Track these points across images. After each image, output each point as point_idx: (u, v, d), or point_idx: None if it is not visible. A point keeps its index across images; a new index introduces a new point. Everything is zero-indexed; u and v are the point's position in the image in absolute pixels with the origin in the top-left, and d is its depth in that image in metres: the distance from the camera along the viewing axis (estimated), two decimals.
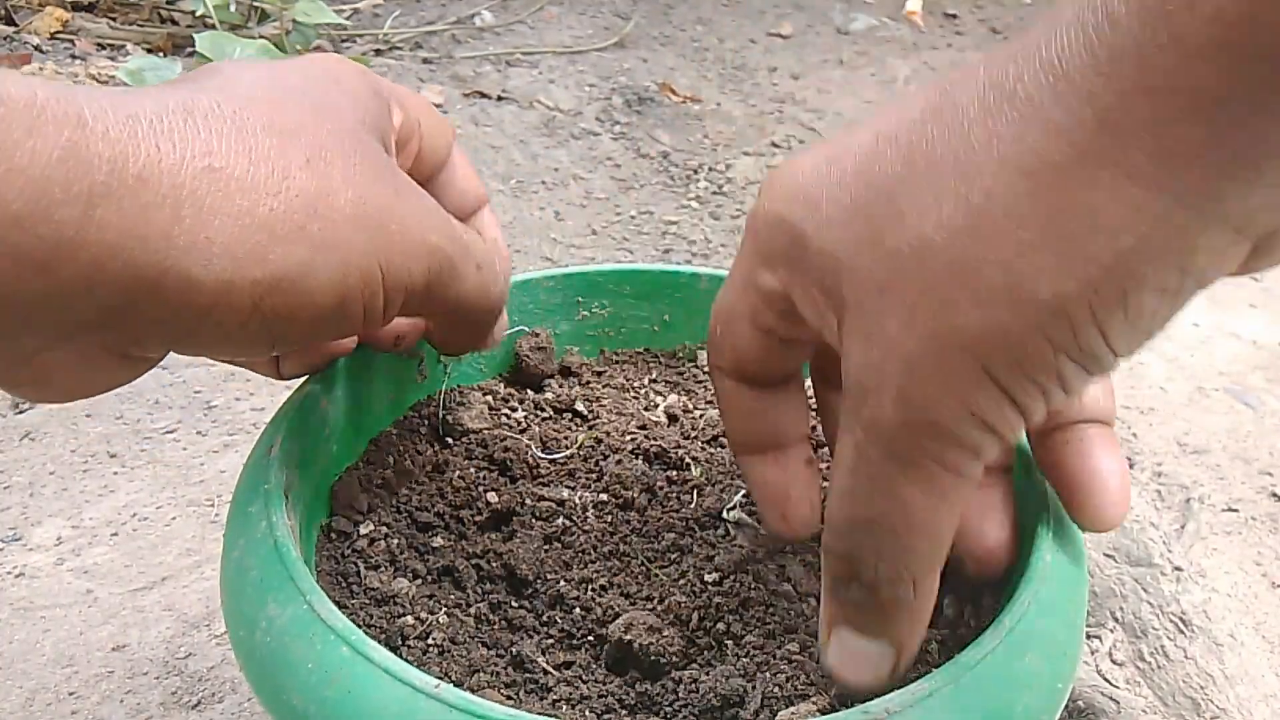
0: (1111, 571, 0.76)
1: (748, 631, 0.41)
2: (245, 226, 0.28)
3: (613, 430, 0.51)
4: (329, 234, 0.30)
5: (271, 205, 0.29)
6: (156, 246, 0.27)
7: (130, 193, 0.26)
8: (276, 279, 0.29)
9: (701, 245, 1.25)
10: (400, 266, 0.32)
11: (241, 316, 0.29)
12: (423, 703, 0.32)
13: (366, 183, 0.31)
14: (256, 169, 0.29)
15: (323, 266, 0.30)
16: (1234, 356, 1.16)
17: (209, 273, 0.28)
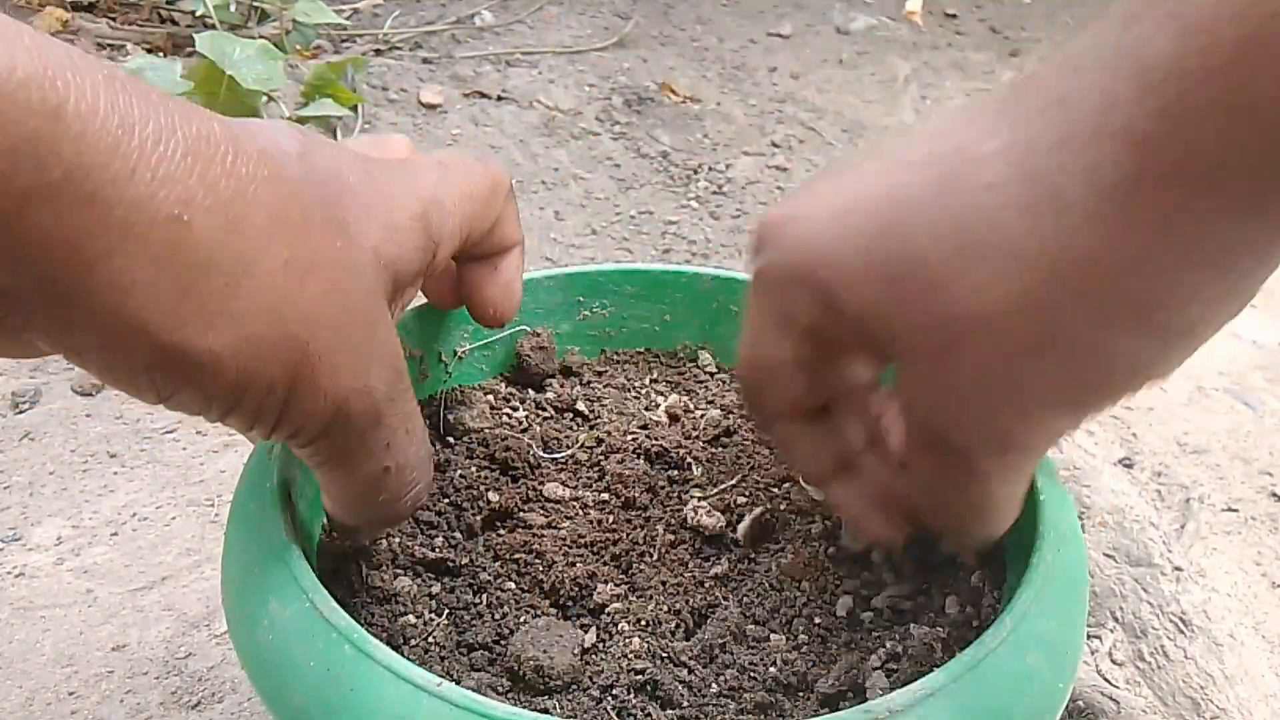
0: (1111, 571, 0.76)
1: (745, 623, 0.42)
2: (180, 289, 0.26)
3: (614, 430, 0.51)
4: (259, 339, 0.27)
5: (218, 285, 0.26)
6: (78, 266, 0.24)
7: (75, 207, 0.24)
8: (180, 353, 0.26)
9: (701, 245, 1.25)
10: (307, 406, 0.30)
11: (136, 368, 0.27)
12: (425, 701, 0.32)
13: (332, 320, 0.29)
14: (228, 242, 0.26)
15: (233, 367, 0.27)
16: (1234, 356, 1.16)
17: (119, 313, 0.25)
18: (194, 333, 0.26)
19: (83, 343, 0.26)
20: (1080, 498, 0.82)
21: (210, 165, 0.26)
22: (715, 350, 0.61)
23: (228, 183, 0.26)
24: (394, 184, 0.33)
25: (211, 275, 0.26)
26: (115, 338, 0.26)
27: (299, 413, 0.30)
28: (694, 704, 0.38)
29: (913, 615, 0.44)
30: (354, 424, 0.31)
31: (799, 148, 1.54)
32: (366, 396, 0.31)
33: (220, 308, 0.26)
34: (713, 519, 0.46)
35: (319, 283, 0.28)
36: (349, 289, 0.30)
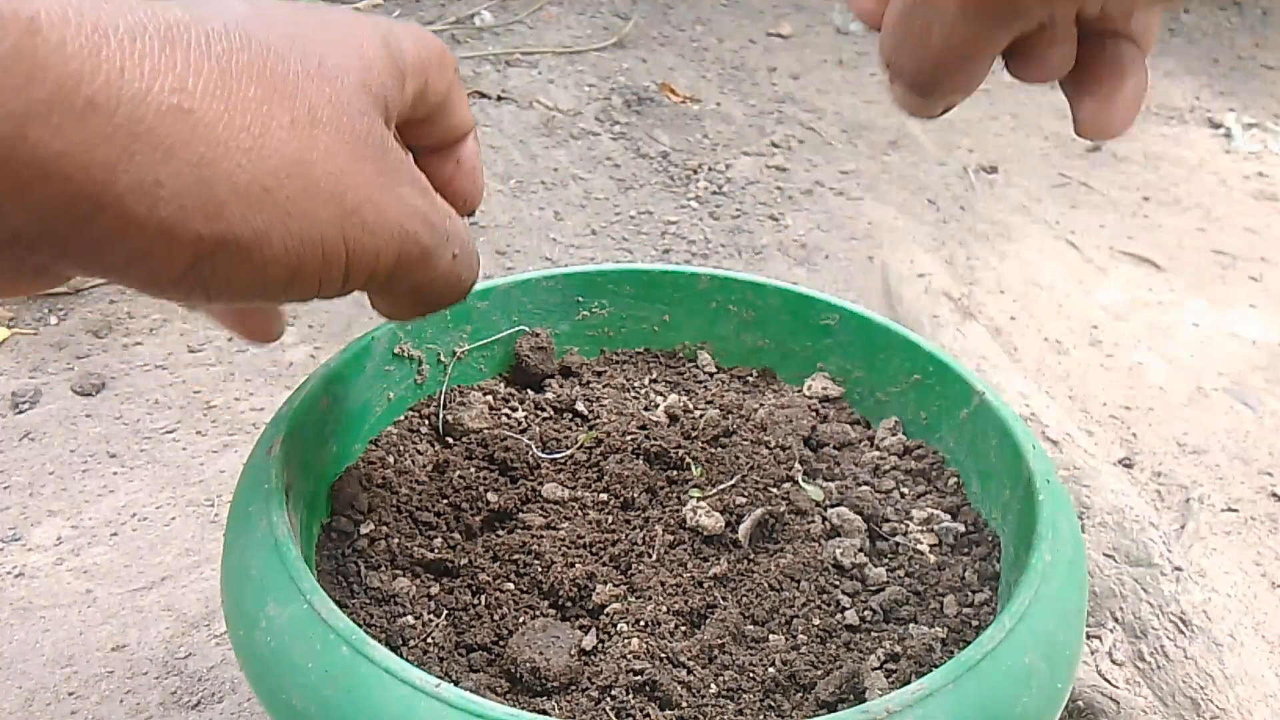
0: (1111, 571, 0.76)
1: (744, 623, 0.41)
2: (204, 178, 0.25)
3: (613, 430, 0.51)
4: (295, 205, 0.27)
5: (239, 161, 0.26)
6: (97, 177, 0.24)
7: (76, 116, 0.23)
8: (225, 239, 0.26)
9: (701, 245, 1.25)
10: (368, 247, 0.30)
11: (178, 269, 0.27)
12: (423, 702, 0.32)
13: (351, 158, 0.29)
14: (232, 119, 0.26)
15: (278, 237, 0.27)
16: (1234, 356, 1.16)
17: (153, 216, 0.25)
18: (233, 217, 0.26)
19: (121, 259, 0.26)
20: (1080, 498, 0.82)
21: (190, 51, 0.26)
22: (715, 350, 0.61)
23: (211, 63, 0.26)
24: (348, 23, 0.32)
25: (230, 155, 0.26)
26: (154, 244, 0.26)
27: (363, 262, 0.30)
28: (693, 704, 0.38)
29: (912, 615, 0.44)
30: (418, 244, 0.31)
31: (799, 148, 1.54)
32: (415, 216, 0.31)
33: (250, 184, 0.26)
34: (712, 519, 0.46)
35: (328, 133, 0.28)
36: (356, 129, 0.30)
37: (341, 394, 0.49)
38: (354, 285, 0.31)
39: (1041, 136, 1.74)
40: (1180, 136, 1.82)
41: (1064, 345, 1.14)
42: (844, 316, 0.57)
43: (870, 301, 1.17)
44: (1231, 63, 2.20)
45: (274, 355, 0.96)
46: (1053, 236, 1.40)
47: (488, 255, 1.18)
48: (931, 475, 0.52)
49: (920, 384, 0.54)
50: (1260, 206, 1.58)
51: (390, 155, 0.31)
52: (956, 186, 1.50)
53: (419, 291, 0.34)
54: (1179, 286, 1.31)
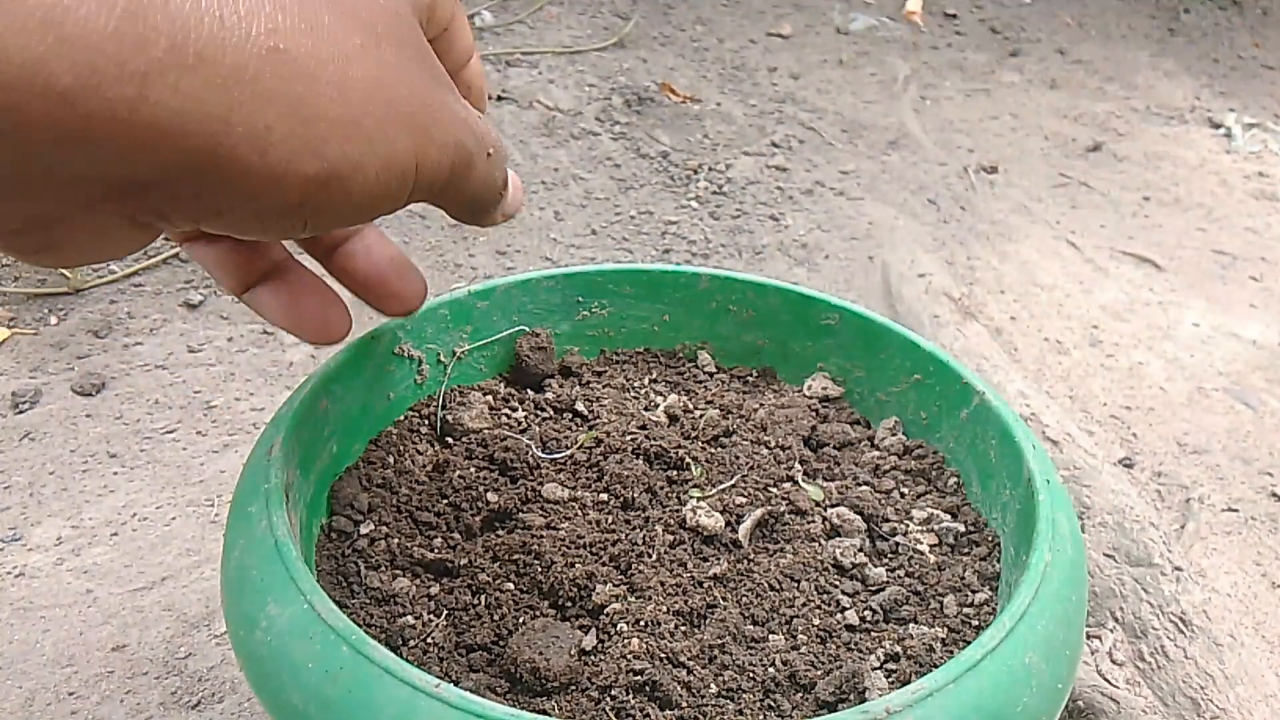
0: (1111, 571, 0.76)
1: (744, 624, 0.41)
2: (305, 118, 0.26)
3: (613, 430, 0.51)
4: (381, 131, 0.29)
5: (331, 95, 0.27)
6: (213, 130, 0.25)
7: (189, 72, 0.24)
8: (329, 175, 0.28)
9: (701, 245, 1.25)
10: (433, 163, 0.31)
11: (286, 207, 0.28)
12: (423, 702, 0.32)
13: (414, 74, 0.30)
14: (318, 50, 0.27)
15: (371, 164, 0.29)
16: (1234, 356, 1.16)
17: (264, 162, 0.26)
18: (333, 152, 0.27)
19: (233, 203, 0.27)
20: (1080, 498, 0.82)
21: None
22: (715, 350, 0.61)
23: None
24: None
25: (323, 91, 0.27)
26: (266, 186, 0.27)
27: (428, 176, 0.31)
28: (693, 704, 0.38)
29: (912, 615, 0.44)
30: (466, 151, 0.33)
31: (799, 148, 1.54)
32: (464, 126, 0.32)
33: (343, 117, 0.27)
34: (712, 519, 0.46)
35: (390, 50, 0.29)
36: (409, 39, 0.31)
37: (341, 394, 0.49)
38: (415, 199, 0.32)
39: (1041, 136, 1.74)
40: (1180, 136, 1.82)
41: (1064, 345, 1.14)
42: (844, 316, 0.57)
43: (870, 301, 1.17)
44: (1232, 63, 2.20)
45: (274, 355, 0.96)
46: (1053, 236, 1.40)
47: (488, 255, 1.18)
48: (931, 475, 0.52)
49: (920, 384, 0.54)
50: (1260, 206, 1.58)
51: (436, 65, 0.32)
52: (957, 186, 1.50)
53: (464, 195, 0.35)
54: (1179, 286, 1.31)
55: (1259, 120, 1.91)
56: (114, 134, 0.24)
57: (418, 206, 1.23)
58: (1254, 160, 1.75)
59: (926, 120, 1.72)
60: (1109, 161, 1.68)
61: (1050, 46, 2.12)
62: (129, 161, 0.25)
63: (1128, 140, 1.77)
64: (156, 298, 1.02)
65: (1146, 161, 1.70)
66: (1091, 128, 1.81)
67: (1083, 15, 2.27)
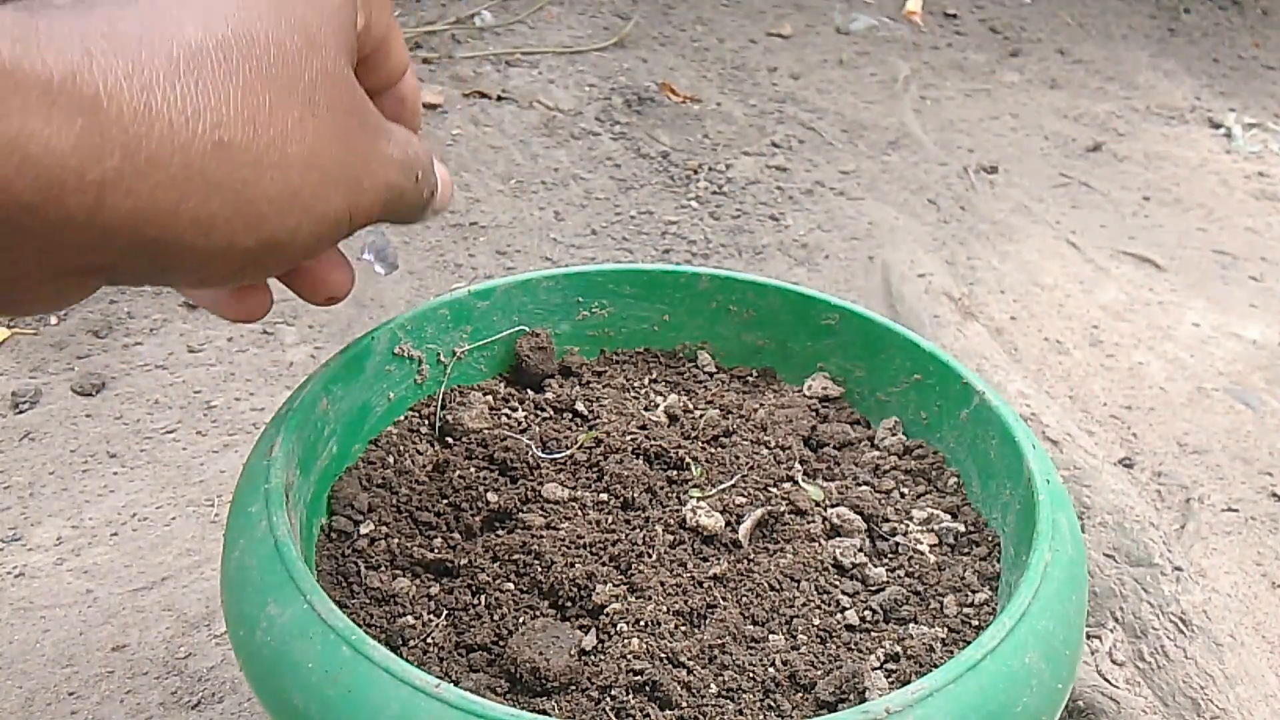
0: (1111, 571, 0.76)
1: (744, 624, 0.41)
2: (246, 199, 0.28)
3: (613, 430, 0.51)
4: (315, 197, 0.31)
5: (272, 175, 0.29)
6: (162, 222, 0.27)
7: (141, 176, 0.26)
8: (267, 244, 0.30)
9: (701, 245, 1.25)
10: (366, 206, 0.33)
11: (228, 274, 0.30)
12: (423, 702, 0.32)
13: (347, 134, 0.32)
14: (260, 136, 0.28)
15: (306, 227, 0.31)
16: (1234, 356, 1.16)
17: (207, 243, 0.28)
18: (272, 225, 0.29)
19: (178, 275, 0.29)
20: (1080, 498, 0.82)
21: (216, 75, 0.28)
22: (715, 350, 0.61)
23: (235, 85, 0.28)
24: None
25: (264, 172, 0.29)
26: (207, 261, 0.29)
27: (360, 220, 0.34)
28: (693, 704, 0.38)
29: (912, 615, 0.44)
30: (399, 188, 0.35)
31: (799, 148, 1.54)
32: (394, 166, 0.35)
33: (281, 193, 0.29)
34: (712, 519, 0.46)
35: (327, 117, 0.31)
36: (344, 100, 0.32)
37: (341, 394, 0.49)
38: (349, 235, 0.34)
39: (1041, 136, 1.74)
40: (1181, 136, 1.82)
41: (1064, 345, 1.14)
42: (844, 316, 0.57)
43: (871, 301, 1.17)
44: (1232, 63, 2.20)
45: (274, 355, 0.96)
46: (1053, 236, 1.40)
47: (488, 255, 1.18)
48: (931, 475, 0.52)
49: (920, 384, 0.54)
50: (1261, 206, 1.58)
51: (369, 113, 0.34)
52: (957, 186, 1.50)
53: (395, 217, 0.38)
54: (1179, 286, 1.31)
55: (1259, 120, 1.91)
56: (72, 235, 0.26)
57: None
58: (1254, 160, 1.75)
59: (927, 120, 1.72)
60: (1109, 161, 1.68)
61: (1050, 46, 2.12)
62: (84, 253, 0.27)
63: (1128, 140, 1.77)
64: (156, 298, 1.02)
65: (1147, 161, 1.70)
66: (1092, 128, 1.81)
67: (1083, 15, 2.27)
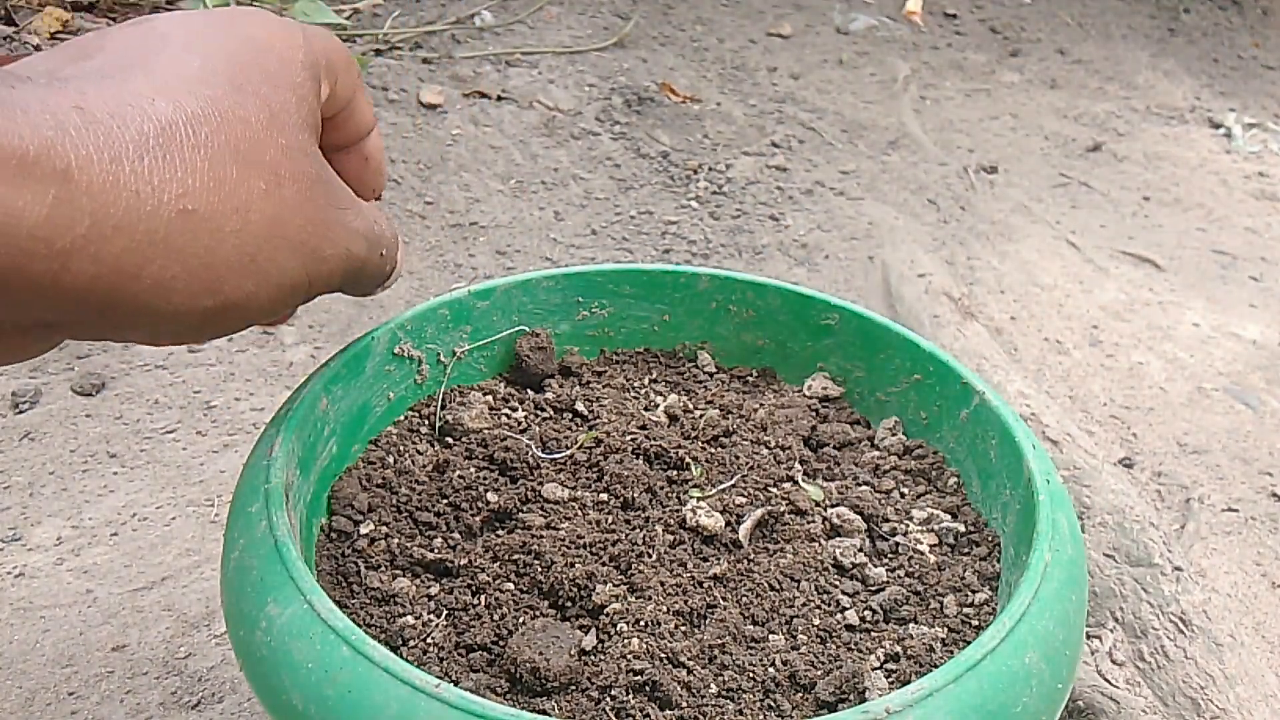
0: (1111, 571, 0.76)
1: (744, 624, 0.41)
2: (206, 264, 0.30)
3: (613, 430, 0.51)
4: (273, 263, 0.32)
5: (233, 242, 0.30)
6: (124, 285, 0.28)
7: (107, 242, 0.27)
8: (224, 306, 0.31)
9: (701, 245, 1.25)
10: (325, 273, 0.35)
11: (183, 333, 0.32)
12: (423, 702, 0.32)
13: (309, 203, 0.33)
14: (223, 204, 0.30)
15: (264, 291, 0.32)
16: (1234, 356, 1.16)
17: (166, 304, 0.29)
18: (230, 289, 0.31)
19: (134, 333, 0.31)
20: (1080, 498, 0.82)
21: (184, 149, 0.29)
22: (715, 350, 0.61)
23: (201, 157, 0.29)
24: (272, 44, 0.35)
25: (225, 239, 0.30)
26: (164, 321, 0.30)
27: (319, 287, 0.35)
28: (693, 704, 0.38)
29: (912, 615, 0.44)
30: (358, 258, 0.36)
31: (799, 148, 1.54)
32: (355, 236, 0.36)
33: (240, 258, 0.31)
34: (712, 519, 0.46)
35: (290, 187, 0.32)
36: (307, 172, 0.33)
37: (341, 394, 0.49)
38: (312, 298, 0.36)
39: (1041, 136, 1.74)
40: (1180, 136, 1.82)
41: (1064, 345, 1.14)
42: (844, 316, 0.57)
43: (870, 301, 1.17)
44: (1232, 63, 2.20)
45: (274, 355, 0.96)
46: (1053, 236, 1.40)
47: (488, 255, 1.18)
48: (931, 475, 0.52)
49: (920, 384, 0.54)
50: (1260, 206, 1.58)
51: (331, 183, 0.35)
52: (956, 186, 1.50)
53: (356, 289, 0.39)
54: (1179, 286, 1.31)
55: (1259, 120, 1.91)
56: (36, 297, 0.27)
57: (417, 207, 1.23)
58: (1254, 160, 1.75)
59: (926, 120, 1.72)
60: (1109, 161, 1.68)
61: (1050, 46, 2.12)
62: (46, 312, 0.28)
63: (1128, 140, 1.77)
64: None
65: (1146, 161, 1.70)
66: (1091, 128, 1.81)
67: (1083, 15, 2.27)
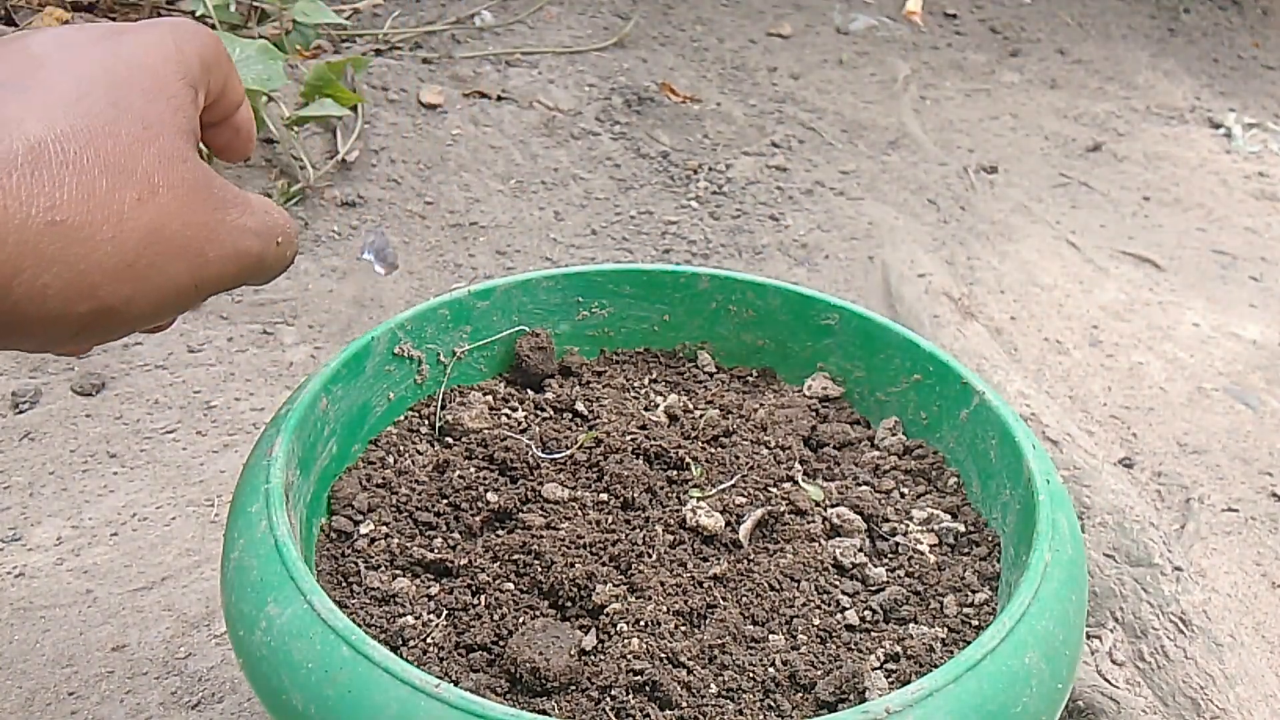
0: (1111, 571, 0.76)
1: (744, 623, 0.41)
2: (80, 271, 0.31)
3: (613, 430, 0.51)
4: (153, 268, 0.33)
5: (107, 250, 0.31)
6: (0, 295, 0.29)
7: None
8: (101, 311, 0.32)
9: (701, 245, 1.25)
10: (214, 275, 0.35)
11: (64, 338, 0.32)
12: (423, 702, 0.32)
13: (189, 209, 0.34)
14: (94, 215, 0.31)
15: (144, 295, 0.33)
16: (1234, 356, 1.16)
17: (42, 310, 0.30)
18: (105, 294, 0.32)
19: (16, 338, 0.31)
20: (1080, 498, 0.82)
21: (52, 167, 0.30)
22: (715, 350, 0.61)
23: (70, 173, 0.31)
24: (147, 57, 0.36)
25: (98, 247, 0.31)
26: (42, 327, 0.31)
27: (210, 287, 0.35)
28: (693, 704, 0.38)
29: (912, 615, 0.44)
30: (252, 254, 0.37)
31: (799, 148, 1.54)
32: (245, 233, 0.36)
33: (116, 265, 0.31)
34: (712, 519, 0.46)
35: (166, 195, 0.33)
36: (185, 178, 0.34)
37: (341, 394, 0.49)
38: (210, 296, 0.36)
39: (1041, 136, 1.74)
40: (1180, 136, 1.82)
41: (1064, 345, 1.14)
42: (844, 316, 0.57)
43: (870, 301, 1.17)
44: (1231, 63, 2.20)
45: (274, 355, 0.96)
46: (1053, 236, 1.40)
47: (488, 255, 1.18)
48: (931, 475, 0.52)
49: (920, 384, 0.54)
50: (1260, 206, 1.58)
51: (213, 185, 0.36)
52: (956, 186, 1.50)
53: (261, 279, 0.39)
54: (1179, 286, 1.31)
55: (1259, 120, 1.91)
56: None
57: (417, 207, 1.23)
58: (1254, 160, 1.75)
59: (926, 120, 1.72)
60: (1109, 161, 1.68)
61: (1050, 46, 2.12)
62: None
63: (1128, 140, 1.77)
64: None
65: (1146, 161, 1.70)
66: (1091, 128, 1.81)
67: (1083, 15, 2.27)
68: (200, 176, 0.35)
